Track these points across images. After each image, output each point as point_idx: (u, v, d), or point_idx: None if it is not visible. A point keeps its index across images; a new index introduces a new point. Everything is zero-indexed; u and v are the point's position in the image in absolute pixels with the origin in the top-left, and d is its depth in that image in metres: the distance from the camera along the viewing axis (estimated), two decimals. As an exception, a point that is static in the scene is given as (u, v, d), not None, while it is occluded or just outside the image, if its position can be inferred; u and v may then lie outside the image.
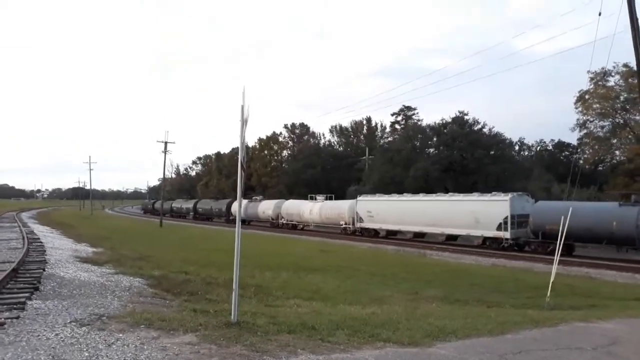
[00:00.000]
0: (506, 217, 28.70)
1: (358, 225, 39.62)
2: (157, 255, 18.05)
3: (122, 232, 35.54)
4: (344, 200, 44.38)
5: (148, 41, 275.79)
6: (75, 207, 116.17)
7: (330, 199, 46.59)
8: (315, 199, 46.92)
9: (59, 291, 9.00)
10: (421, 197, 35.78)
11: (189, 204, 76.60)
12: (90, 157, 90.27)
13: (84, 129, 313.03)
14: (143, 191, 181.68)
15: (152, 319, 6.63)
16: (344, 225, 41.57)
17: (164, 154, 56.56)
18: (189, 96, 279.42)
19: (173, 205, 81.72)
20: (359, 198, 40.49)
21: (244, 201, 53.42)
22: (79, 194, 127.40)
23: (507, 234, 28.64)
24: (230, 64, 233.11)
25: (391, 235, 37.76)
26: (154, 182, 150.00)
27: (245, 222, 53.67)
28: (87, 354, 5.09)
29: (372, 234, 38.57)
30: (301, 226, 48.56)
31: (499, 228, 29.06)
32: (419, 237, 35.29)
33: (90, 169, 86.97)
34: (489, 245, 29.74)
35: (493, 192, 31.46)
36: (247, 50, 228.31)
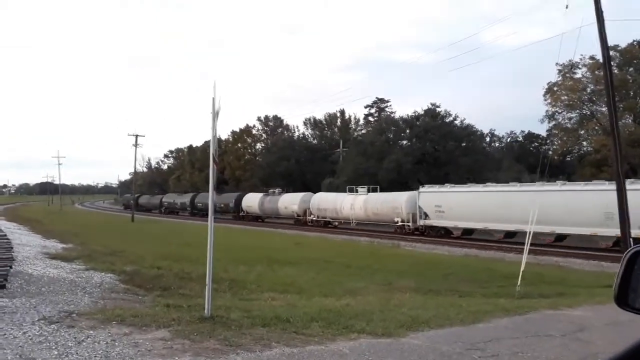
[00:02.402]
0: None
1: (421, 222, 33.27)
2: (129, 250, 17.79)
3: (93, 227, 34.90)
4: (399, 193, 37.10)
5: (117, 34, 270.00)
6: (44, 202, 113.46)
7: (375, 190, 40.07)
8: (357, 190, 40.22)
9: (27, 289, 8.78)
10: (518, 186, 29.14)
11: (183, 199, 68.47)
12: (59, 151, 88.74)
13: (52, 123, 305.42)
14: (114, 185, 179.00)
15: (124, 315, 6.53)
16: (400, 223, 34.90)
17: (134, 148, 55.73)
18: (159, 89, 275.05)
19: (164, 200, 74.00)
20: (421, 189, 33.90)
21: (258, 195, 51.70)
22: (48, 189, 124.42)
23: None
24: (201, 56, 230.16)
25: (466, 234, 31.51)
26: (125, 177, 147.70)
27: (259, 219, 51.52)
28: (56, 352, 4.98)
29: (441, 234, 32.32)
30: (336, 223, 41.73)
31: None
32: (509, 237, 28.01)
33: (59, 163, 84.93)
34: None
35: (632, 180, 23.59)
36: (218, 43, 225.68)
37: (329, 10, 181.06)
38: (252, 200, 52.70)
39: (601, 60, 18.54)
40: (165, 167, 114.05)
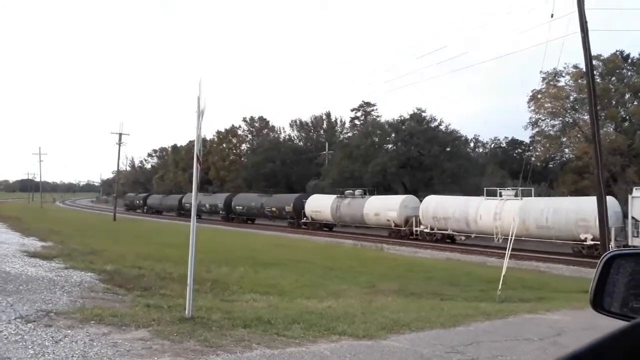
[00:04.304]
0: None
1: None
2: (110, 249, 17.58)
3: (74, 225, 34.44)
4: (587, 197, 26.12)
5: (101, 31, 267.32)
6: (24, 200, 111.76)
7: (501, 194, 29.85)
8: (500, 194, 29.79)
9: (4, 287, 8.62)
10: None
11: (214, 200, 56.86)
12: (40, 148, 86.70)
13: (33, 120, 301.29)
14: (96, 184, 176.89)
15: (103, 315, 6.45)
16: (589, 242, 24.38)
17: (118, 146, 55.07)
18: (144, 87, 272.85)
19: (184, 202, 60.73)
20: (637, 192, 23.37)
21: (328, 198, 41.88)
22: (28, 186, 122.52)
23: None
24: (187, 55, 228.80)
25: None
26: (108, 175, 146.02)
27: (328, 227, 42.32)
28: (32, 352, 4.89)
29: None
30: (462, 237, 31.59)
31: None
32: None
33: (40, 160, 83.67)
34: None
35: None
36: (205, 42, 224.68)
37: (316, 12, 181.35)
38: (320, 204, 42.56)
39: (584, 69, 18.80)
40: (148, 166, 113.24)
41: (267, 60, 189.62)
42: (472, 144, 60.95)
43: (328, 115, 75.71)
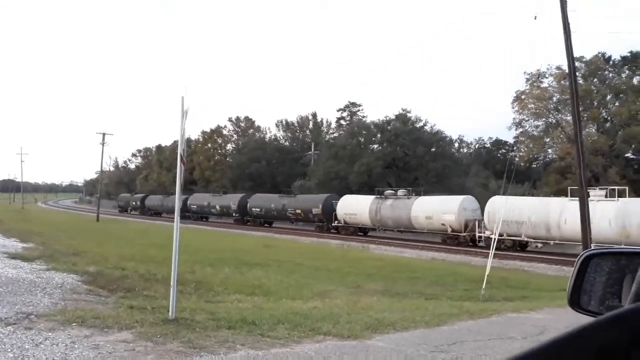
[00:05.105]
0: None
1: None
2: (93, 250, 17.39)
3: (56, 226, 34.01)
4: None
5: (85, 30, 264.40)
6: (5, 200, 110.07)
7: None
8: (587, 194, 19.39)
9: (-16, 289, 8.48)
10: None
11: (225, 201, 52.31)
12: (21, 147, 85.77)
13: (15, 119, 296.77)
14: (79, 184, 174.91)
15: (85, 317, 6.37)
16: None
17: (101, 146, 54.54)
18: (128, 87, 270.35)
19: (190, 203, 55.70)
20: None
21: (365, 198, 37.77)
22: (9, 186, 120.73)
23: None
24: (172, 54, 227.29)
25: None
26: (91, 176, 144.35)
27: (363, 232, 37.98)
28: (11, 355, 4.82)
29: None
30: (540, 244, 27.58)
31: None
32: None
33: (21, 161, 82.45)
34: None
35: None
36: (191, 42, 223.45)
37: (305, 12, 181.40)
38: (356, 206, 38.15)
39: (567, 71, 19.03)
40: (132, 166, 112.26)
41: (253, 60, 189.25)
42: (456, 144, 61.50)
43: (314, 115, 75.78)
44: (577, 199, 22.64)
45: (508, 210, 26.57)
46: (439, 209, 31.80)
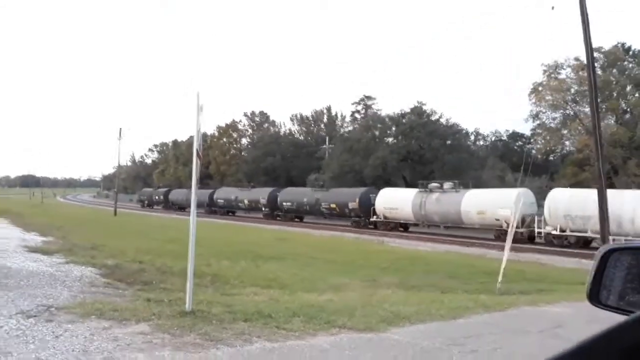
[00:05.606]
0: None
1: None
2: (111, 244, 17.59)
3: (74, 220, 34.47)
4: None
5: (101, 28, 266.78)
6: (25, 195, 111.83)
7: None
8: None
9: (5, 282, 8.64)
10: None
11: (254, 195, 51.00)
12: (41, 143, 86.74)
13: (35, 116, 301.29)
14: (97, 179, 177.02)
15: (104, 309, 6.47)
16: None
17: (118, 142, 55.09)
18: (145, 83, 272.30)
19: (217, 197, 55.14)
20: None
21: (407, 192, 36.42)
22: (29, 182, 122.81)
23: None
24: (188, 50, 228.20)
25: None
26: (109, 171, 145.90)
27: (404, 228, 36.21)
28: (33, 346, 4.91)
29: None
30: None
31: None
32: None
33: (41, 156, 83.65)
34: None
35: None
36: (206, 37, 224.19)
37: (317, 8, 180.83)
38: (397, 200, 36.13)
39: (585, 62, 18.74)
40: (149, 161, 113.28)
41: (268, 55, 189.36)
42: (472, 137, 60.87)
43: (328, 109, 75.65)
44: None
45: (571, 204, 26.36)
46: (493, 203, 29.65)
